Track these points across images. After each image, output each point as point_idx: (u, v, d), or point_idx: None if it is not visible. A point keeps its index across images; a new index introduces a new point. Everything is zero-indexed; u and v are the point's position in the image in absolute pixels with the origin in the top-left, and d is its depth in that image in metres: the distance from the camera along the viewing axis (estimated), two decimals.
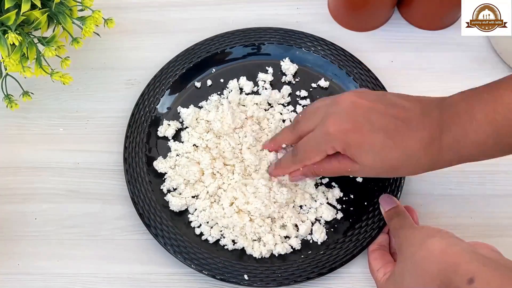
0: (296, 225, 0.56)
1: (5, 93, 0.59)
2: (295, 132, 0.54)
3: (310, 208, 0.57)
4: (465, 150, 0.45)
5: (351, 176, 0.57)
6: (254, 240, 0.55)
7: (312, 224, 0.56)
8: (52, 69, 0.58)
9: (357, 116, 0.48)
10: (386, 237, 0.55)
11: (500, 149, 0.45)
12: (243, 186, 0.56)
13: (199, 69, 0.64)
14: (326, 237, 0.55)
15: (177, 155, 0.59)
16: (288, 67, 0.64)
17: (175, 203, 0.56)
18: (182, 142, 0.60)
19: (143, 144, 0.59)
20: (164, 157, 0.59)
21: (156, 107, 0.61)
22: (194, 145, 0.59)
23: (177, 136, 0.61)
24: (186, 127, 0.60)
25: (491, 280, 0.40)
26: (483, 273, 0.41)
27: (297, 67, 0.64)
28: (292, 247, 0.55)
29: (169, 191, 0.58)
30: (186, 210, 0.57)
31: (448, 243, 0.44)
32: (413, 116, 0.47)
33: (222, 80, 0.64)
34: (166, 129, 0.60)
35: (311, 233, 0.56)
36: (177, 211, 0.56)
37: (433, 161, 0.47)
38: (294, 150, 0.54)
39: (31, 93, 0.61)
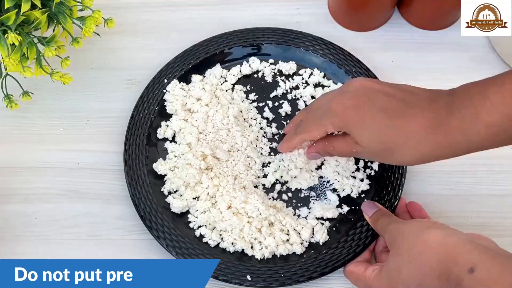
0: (298, 232, 0.55)
1: (5, 93, 0.59)
2: (307, 110, 0.55)
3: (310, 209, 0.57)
4: (475, 133, 0.43)
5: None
6: (252, 242, 0.55)
7: (313, 226, 0.56)
8: (52, 69, 0.58)
9: (362, 96, 0.48)
10: (365, 257, 0.54)
11: (508, 133, 0.43)
12: (240, 188, 0.56)
13: (198, 70, 0.64)
14: (327, 237, 0.55)
15: (174, 156, 0.59)
16: (288, 67, 0.64)
17: (176, 205, 0.56)
18: (179, 144, 0.60)
19: (143, 146, 0.59)
20: (164, 158, 0.59)
21: (156, 108, 0.61)
22: (189, 144, 0.59)
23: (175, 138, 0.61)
24: (181, 129, 0.60)
25: (492, 269, 0.40)
26: (483, 262, 0.41)
27: (295, 66, 0.64)
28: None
29: (169, 192, 0.58)
30: (187, 212, 0.57)
31: (446, 234, 0.44)
32: (420, 99, 0.46)
33: None
34: (165, 130, 0.60)
35: (313, 234, 0.56)
36: (179, 212, 0.56)
37: (437, 145, 0.45)
38: (300, 123, 0.55)
39: (31, 93, 0.61)
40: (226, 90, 0.63)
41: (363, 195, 0.57)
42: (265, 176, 0.59)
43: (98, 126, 0.63)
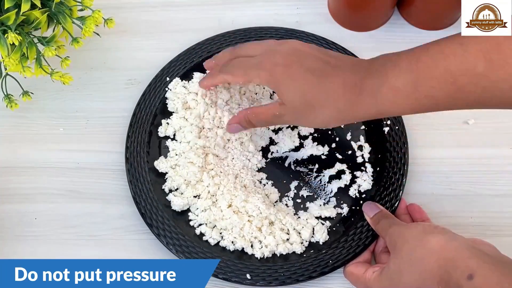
0: (298, 232, 0.55)
1: (5, 93, 0.59)
2: (234, 53, 0.55)
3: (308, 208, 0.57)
4: (383, 96, 0.45)
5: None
6: (252, 241, 0.55)
7: (313, 226, 0.56)
8: (52, 69, 0.58)
9: (291, 56, 0.50)
10: (365, 257, 0.54)
11: (417, 98, 0.44)
12: (241, 187, 0.56)
13: (200, 69, 0.64)
14: (327, 237, 0.55)
15: (176, 154, 0.59)
16: None
17: (177, 203, 0.56)
18: (180, 142, 0.60)
19: (144, 143, 0.59)
20: (165, 156, 0.59)
21: (158, 106, 0.61)
22: (189, 142, 0.59)
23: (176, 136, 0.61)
24: (181, 127, 0.60)
25: (490, 277, 0.40)
26: (482, 269, 0.41)
27: None
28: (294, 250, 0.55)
29: (170, 190, 0.58)
30: (188, 210, 0.57)
31: (447, 239, 0.44)
32: (343, 64, 0.48)
33: None
34: (166, 128, 0.60)
35: (313, 233, 0.56)
36: (179, 210, 0.56)
37: (350, 103, 0.47)
38: (226, 64, 0.55)
39: (31, 93, 0.61)
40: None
41: (363, 195, 0.57)
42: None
43: (98, 126, 0.63)
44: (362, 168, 0.59)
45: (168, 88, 0.62)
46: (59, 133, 0.62)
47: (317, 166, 0.59)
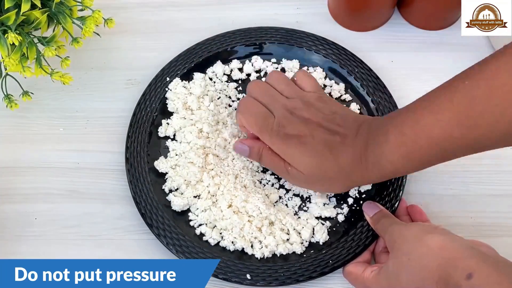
0: (298, 232, 0.55)
1: (5, 93, 0.59)
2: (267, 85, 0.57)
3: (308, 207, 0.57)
4: (385, 168, 0.49)
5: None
6: (252, 241, 0.55)
7: (313, 226, 0.56)
8: (52, 69, 0.58)
9: (303, 127, 0.52)
10: (365, 257, 0.54)
11: (412, 165, 0.48)
12: (242, 187, 0.56)
13: (200, 69, 0.64)
14: (328, 237, 0.55)
15: (176, 154, 0.59)
16: (291, 65, 0.64)
17: (177, 203, 0.56)
18: (180, 142, 0.60)
19: (144, 143, 0.59)
20: (165, 157, 0.59)
21: (158, 106, 0.61)
22: (189, 142, 0.59)
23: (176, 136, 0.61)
24: (181, 127, 0.60)
25: (489, 276, 0.40)
26: (481, 268, 0.41)
27: (298, 65, 0.64)
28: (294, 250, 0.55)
29: (170, 190, 0.58)
30: (188, 210, 0.57)
31: (447, 239, 0.44)
32: (349, 134, 0.51)
33: None
34: (166, 128, 0.60)
35: (313, 234, 0.56)
36: (179, 210, 0.56)
37: (362, 176, 0.50)
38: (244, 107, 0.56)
39: (31, 93, 0.61)
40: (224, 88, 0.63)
41: (363, 195, 0.57)
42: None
43: (98, 126, 0.63)
44: None
45: (168, 88, 0.62)
46: (59, 133, 0.62)
47: None
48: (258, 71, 0.64)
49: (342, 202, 0.57)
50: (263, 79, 0.63)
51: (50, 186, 0.59)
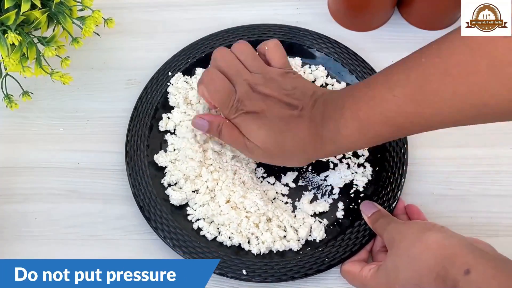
0: (295, 229, 0.56)
1: (5, 93, 0.59)
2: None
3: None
4: (340, 142, 0.49)
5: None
6: (249, 237, 0.55)
7: (311, 224, 0.56)
8: (52, 69, 0.58)
9: (260, 102, 0.52)
10: (362, 256, 0.54)
11: (367, 140, 0.49)
12: (240, 183, 0.56)
13: (203, 64, 0.64)
14: (324, 235, 0.55)
15: (174, 149, 0.59)
16: (293, 62, 0.64)
17: (175, 197, 0.56)
18: (179, 137, 0.60)
19: (145, 137, 0.59)
20: (165, 151, 0.59)
21: (159, 100, 0.61)
22: (187, 137, 0.59)
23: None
24: (181, 121, 0.60)
25: (486, 271, 0.41)
26: (479, 264, 0.41)
27: (300, 62, 0.64)
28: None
29: (169, 185, 0.58)
30: (186, 205, 0.57)
31: (445, 236, 0.44)
32: (306, 107, 0.51)
33: None
34: (166, 122, 0.60)
35: (310, 231, 0.56)
36: (178, 205, 0.57)
37: (316, 149, 0.51)
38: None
39: (31, 93, 0.61)
40: None
41: (361, 194, 0.57)
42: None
43: (98, 126, 0.63)
44: (361, 167, 0.59)
45: (170, 83, 0.62)
46: (59, 133, 0.62)
47: (315, 165, 0.59)
48: None
49: (339, 201, 0.57)
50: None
51: (50, 186, 0.59)
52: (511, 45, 0.41)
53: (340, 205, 0.57)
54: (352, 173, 0.58)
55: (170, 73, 0.63)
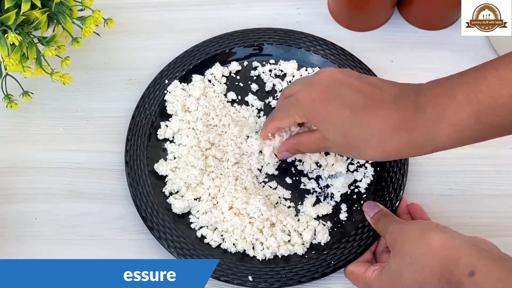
0: (299, 233, 0.55)
1: (5, 93, 0.59)
2: (283, 96, 0.54)
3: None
4: (442, 133, 0.44)
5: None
6: (253, 243, 0.55)
7: (315, 227, 0.56)
8: (52, 69, 0.58)
9: (329, 89, 0.48)
10: (366, 257, 0.54)
11: (480, 130, 0.43)
12: (242, 189, 0.56)
13: (199, 71, 0.64)
14: (329, 237, 0.55)
15: (174, 157, 0.59)
16: (289, 66, 0.64)
17: (177, 205, 0.56)
18: (179, 145, 0.60)
19: (144, 146, 0.59)
20: (165, 159, 0.59)
21: (157, 109, 0.61)
22: (187, 145, 0.59)
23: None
24: (179, 129, 0.60)
25: (491, 272, 0.40)
26: (483, 265, 0.41)
27: (296, 65, 0.64)
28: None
29: (171, 193, 0.58)
30: (189, 213, 0.57)
31: (448, 237, 0.44)
32: (388, 97, 0.46)
33: None
34: (165, 130, 0.60)
35: (314, 235, 0.55)
36: (180, 213, 0.56)
37: (402, 144, 0.45)
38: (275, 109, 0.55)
39: (31, 93, 0.61)
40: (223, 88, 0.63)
41: (364, 195, 0.57)
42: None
43: (98, 126, 0.63)
44: (363, 168, 0.59)
45: (167, 91, 0.62)
46: (59, 133, 0.62)
47: (317, 166, 0.59)
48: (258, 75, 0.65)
49: (342, 202, 0.57)
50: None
51: (50, 186, 0.59)
52: None
53: (343, 206, 0.57)
54: (354, 174, 0.58)
55: (166, 81, 0.62)
